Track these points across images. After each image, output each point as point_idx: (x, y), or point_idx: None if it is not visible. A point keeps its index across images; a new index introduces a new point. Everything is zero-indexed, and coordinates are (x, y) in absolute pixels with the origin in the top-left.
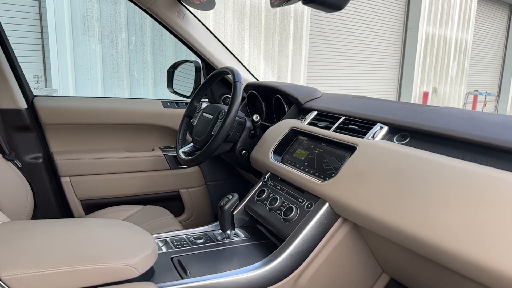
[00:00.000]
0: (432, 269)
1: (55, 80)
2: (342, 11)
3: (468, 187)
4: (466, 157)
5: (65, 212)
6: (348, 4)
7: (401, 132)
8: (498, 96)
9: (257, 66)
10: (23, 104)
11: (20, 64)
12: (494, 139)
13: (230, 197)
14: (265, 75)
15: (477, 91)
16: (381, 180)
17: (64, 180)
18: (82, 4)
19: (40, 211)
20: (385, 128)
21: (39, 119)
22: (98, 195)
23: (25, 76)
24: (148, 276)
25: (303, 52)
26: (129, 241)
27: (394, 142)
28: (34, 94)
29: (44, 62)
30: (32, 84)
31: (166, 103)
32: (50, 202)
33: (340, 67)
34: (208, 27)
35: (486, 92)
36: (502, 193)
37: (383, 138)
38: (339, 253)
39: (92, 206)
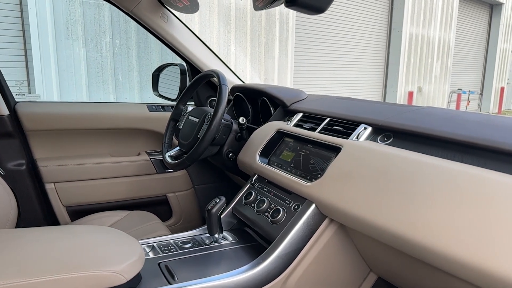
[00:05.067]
0: (418, 268)
1: (39, 85)
2: (326, 12)
3: (450, 185)
4: (448, 156)
5: (50, 219)
6: (333, 6)
7: (384, 132)
8: (481, 94)
9: (243, 68)
10: (4, 111)
11: (0, 69)
12: (476, 138)
13: (218, 200)
14: (252, 77)
15: (461, 89)
16: (366, 180)
17: (49, 187)
18: (65, 8)
19: (25, 219)
20: (369, 129)
21: (21, 125)
22: (83, 201)
23: (6, 81)
24: (135, 282)
25: (289, 53)
26: (115, 248)
27: (378, 142)
28: (16, 100)
29: (26, 67)
30: (14, 89)
31: (152, 107)
32: (35, 209)
33: (326, 68)
34: (193, 30)
35: (469, 91)
36: (484, 191)
37: (367, 138)
38: (327, 254)
39: (78, 213)
